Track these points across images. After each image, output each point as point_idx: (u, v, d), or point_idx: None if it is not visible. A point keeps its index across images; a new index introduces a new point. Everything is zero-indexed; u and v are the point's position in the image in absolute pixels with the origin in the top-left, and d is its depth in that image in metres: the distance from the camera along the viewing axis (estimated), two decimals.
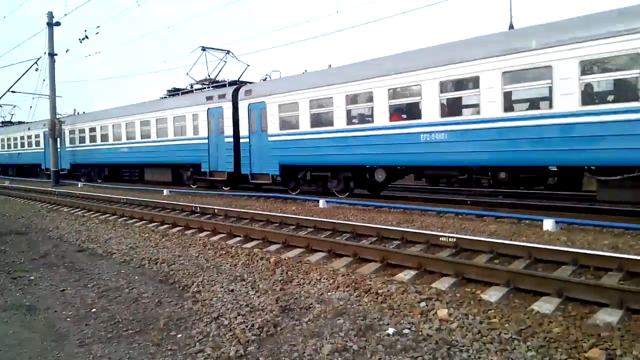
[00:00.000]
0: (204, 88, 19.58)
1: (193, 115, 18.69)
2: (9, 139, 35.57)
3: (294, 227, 9.67)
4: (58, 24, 24.99)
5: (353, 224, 8.89)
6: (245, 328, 4.37)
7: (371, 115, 12.80)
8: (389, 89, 12.31)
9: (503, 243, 6.91)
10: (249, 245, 8.32)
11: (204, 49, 19.88)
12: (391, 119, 12.32)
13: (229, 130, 17.21)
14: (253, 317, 4.66)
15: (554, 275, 5.47)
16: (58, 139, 27.14)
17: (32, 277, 6.61)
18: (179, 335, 4.34)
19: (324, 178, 14.80)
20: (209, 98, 18.09)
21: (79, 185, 23.91)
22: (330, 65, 15.15)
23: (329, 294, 5.33)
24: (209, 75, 20.20)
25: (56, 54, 25.45)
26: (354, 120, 13.45)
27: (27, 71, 30.04)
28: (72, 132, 27.85)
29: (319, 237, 8.20)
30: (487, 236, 7.80)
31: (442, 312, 4.52)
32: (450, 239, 7.32)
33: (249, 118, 16.36)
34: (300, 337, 4.15)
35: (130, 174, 26.24)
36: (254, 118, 16.22)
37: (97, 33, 24.19)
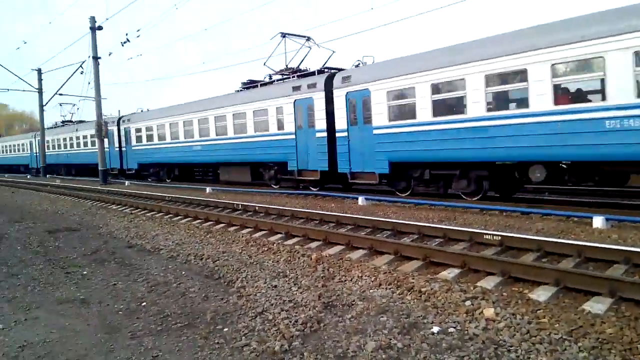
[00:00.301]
0: (284, 78, 17.86)
1: (277, 108, 16.92)
2: (70, 139, 35.02)
3: (334, 224, 9.71)
4: (100, 28, 25.91)
5: (393, 222, 8.85)
6: (289, 323, 4.44)
7: (525, 98, 10.21)
8: (552, 64, 9.67)
9: (551, 241, 6.70)
10: (290, 242, 8.41)
11: (283, 35, 18.03)
12: (557, 102, 9.76)
13: (321, 123, 15.32)
14: (296, 312, 4.73)
15: (606, 275, 5.27)
16: (123, 138, 27.66)
17: (84, 272, 6.91)
18: (226, 329, 4.46)
19: (448, 177, 12.58)
20: (296, 88, 16.20)
21: (126, 184, 24.78)
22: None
23: (371, 291, 5.34)
24: (286, 65, 18.31)
25: (100, 57, 26.41)
26: (496, 105, 10.92)
27: (72, 74, 31.45)
28: (138, 130, 26.56)
29: (360, 235, 8.21)
30: (533, 234, 7.60)
31: (489, 312, 4.44)
32: (494, 236, 7.16)
33: (347, 109, 14.36)
34: (344, 334, 4.18)
35: (203, 173, 24.51)
36: (353, 108, 14.23)
37: (137, 36, 24.95)
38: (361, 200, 12.83)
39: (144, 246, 8.66)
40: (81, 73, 29.72)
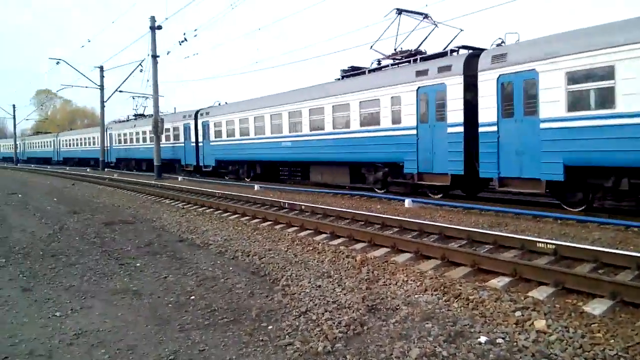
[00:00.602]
0: (398, 63, 15.25)
1: (392, 98, 14.24)
2: (137, 133, 34.88)
3: (380, 226, 9.64)
4: (160, 27, 26.96)
5: (441, 225, 8.68)
6: (332, 324, 4.44)
7: None
8: None
9: (609, 252, 6.38)
10: (335, 242, 8.42)
11: (399, 12, 15.45)
12: None
13: (455, 115, 12.48)
14: (340, 314, 4.73)
15: None
16: (200, 133, 26.49)
17: (137, 264, 7.20)
18: (270, 327, 4.52)
19: None
20: (421, 73, 13.41)
21: (179, 179, 25.60)
22: None
23: (416, 296, 5.26)
24: (396, 49, 15.74)
25: (158, 56, 27.44)
26: None
27: (132, 72, 32.82)
28: (217, 124, 24.68)
29: (406, 238, 8.10)
30: (589, 244, 7.25)
31: (540, 323, 4.27)
32: (548, 245, 6.88)
33: (500, 96, 11.44)
34: (387, 339, 4.14)
35: (290, 173, 21.16)
36: (508, 96, 11.32)
37: (195, 36, 25.71)
38: (408, 202, 12.67)
39: (194, 241, 8.92)
40: (140, 71, 30.94)
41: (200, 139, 26.84)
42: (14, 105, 61.99)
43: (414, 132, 13.67)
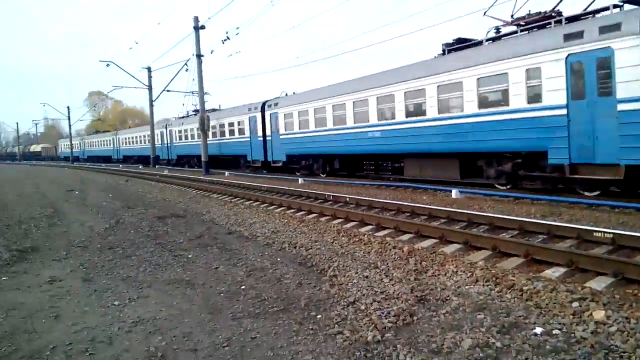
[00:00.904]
0: (526, 29, 12.46)
1: (527, 71, 11.58)
2: (192, 130, 33.85)
3: (426, 217, 9.50)
4: (203, 27, 27.46)
5: (491, 216, 8.46)
6: (381, 315, 4.44)
7: None
8: None
9: None
10: (381, 233, 8.38)
11: None
12: None
13: (629, 87, 9.62)
14: (388, 304, 4.71)
15: None
16: (268, 126, 24.50)
17: (190, 255, 7.44)
18: (319, 316, 4.56)
19: None
20: (572, 37, 10.61)
21: (225, 174, 26.15)
22: None
23: (466, 287, 5.16)
24: (512, 15, 13.10)
25: (202, 55, 28.01)
26: None
27: (178, 72, 33.69)
28: (288, 115, 22.64)
29: (454, 228, 7.95)
30: None
31: (599, 314, 4.10)
32: (606, 234, 6.57)
33: None
34: (438, 329, 4.09)
35: (376, 167, 18.71)
36: None
37: (237, 34, 26.01)
38: (455, 193, 12.41)
39: (243, 233, 9.11)
40: (186, 70, 31.69)
41: (268, 132, 24.71)
42: (68, 107, 65.08)
43: (564, 111, 10.88)
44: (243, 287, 5.66)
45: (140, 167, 40.56)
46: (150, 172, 30.45)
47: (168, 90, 37.55)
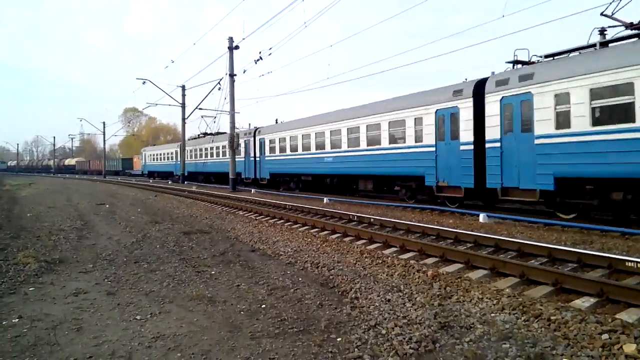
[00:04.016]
0: None
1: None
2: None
3: (452, 240, 9.33)
4: (237, 47, 28.13)
5: (519, 242, 8.24)
6: (402, 340, 4.33)
7: None
8: None
9: None
10: (405, 256, 8.25)
11: None
12: None
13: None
14: (410, 330, 4.60)
15: None
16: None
17: (213, 272, 7.46)
18: (339, 339, 4.48)
19: None
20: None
21: (252, 192, 26.39)
22: None
23: (492, 315, 5.00)
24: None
25: (235, 75, 28.63)
26: None
27: (211, 90, 34.46)
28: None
29: (481, 253, 7.77)
30: None
31: (630, 347, 3.91)
32: (638, 264, 6.31)
33: None
34: (461, 357, 3.97)
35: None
36: None
37: (269, 54, 26.54)
38: (482, 217, 12.17)
39: (266, 251, 9.12)
40: (219, 89, 32.42)
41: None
42: (104, 123, 67.17)
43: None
44: (264, 306, 5.63)
45: (169, 182, 41.22)
46: (178, 188, 30.98)
47: (200, 108, 38.35)
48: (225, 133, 35.18)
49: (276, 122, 29.74)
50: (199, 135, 42.70)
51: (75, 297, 6.08)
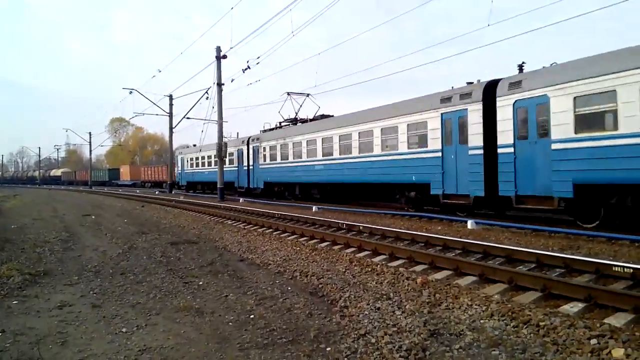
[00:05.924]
0: None
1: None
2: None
3: (441, 247, 9.34)
4: (225, 57, 28.11)
5: (508, 248, 8.28)
6: (392, 348, 4.30)
7: None
8: None
9: None
10: (395, 263, 8.24)
11: None
12: None
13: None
14: (400, 338, 4.58)
15: None
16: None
17: (200, 282, 7.37)
18: (328, 349, 4.44)
19: None
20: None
21: (240, 201, 26.25)
22: None
23: (481, 321, 5.00)
24: None
25: (223, 84, 28.56)
26: None
27: (199, 100, 34.24)
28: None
29: (469, 260, 7.79)
30: None
31: (618, 352, 3.93)
32: (626, 269, 6.37)
33: None
34: None
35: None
36: None
37: (257, 63, 26.49)
38: (470, 223, 12.23)
39: (254, 260, 9.04)
40: (206, 99, 32.17)
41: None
42: (90, 133, 66.50)
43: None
44: (252, 316, 5.56)
45: (157, 192, 40.89)
46: (165, 198, 30.69)
47: (188, 118, 38.11)
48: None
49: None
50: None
51: (59, 310, 5.96)
